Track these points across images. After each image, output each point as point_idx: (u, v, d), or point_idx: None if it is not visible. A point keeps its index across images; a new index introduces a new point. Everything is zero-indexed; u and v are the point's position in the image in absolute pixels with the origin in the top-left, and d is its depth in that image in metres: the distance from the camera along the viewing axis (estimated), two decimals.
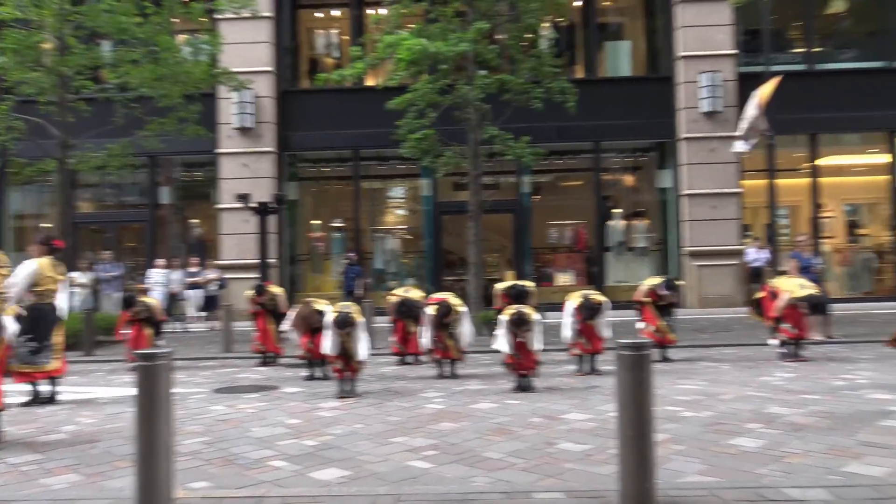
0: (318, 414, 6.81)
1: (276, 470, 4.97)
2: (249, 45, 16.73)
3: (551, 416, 6.43)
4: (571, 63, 18.25)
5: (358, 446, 5.53)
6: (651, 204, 18.27)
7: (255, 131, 16.85)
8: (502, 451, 5.26)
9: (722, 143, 16.32)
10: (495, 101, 13.96)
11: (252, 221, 15.08)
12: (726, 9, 16.33)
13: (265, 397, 7.82)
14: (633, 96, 17.28)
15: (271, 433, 6.05)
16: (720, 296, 16.34)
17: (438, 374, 8.87)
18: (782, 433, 5.54)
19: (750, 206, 17.25)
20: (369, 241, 18.38)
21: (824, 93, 16.77)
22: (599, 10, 18.30)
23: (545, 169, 17.99)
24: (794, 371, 8.56)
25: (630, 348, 3.92)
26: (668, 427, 5.77)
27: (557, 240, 18.12)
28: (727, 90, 16.44)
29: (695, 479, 4.49)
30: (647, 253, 17.61)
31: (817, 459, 4.81)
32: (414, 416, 6.61)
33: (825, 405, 6.52)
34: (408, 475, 4.76)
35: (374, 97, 16.78)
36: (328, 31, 18.48)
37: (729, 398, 7.00)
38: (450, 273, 17.81)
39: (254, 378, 9.25)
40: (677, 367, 9.10)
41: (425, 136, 13.27)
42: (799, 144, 17.12)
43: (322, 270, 18.13)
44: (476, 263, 13.31)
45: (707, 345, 11.03)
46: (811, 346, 9.98)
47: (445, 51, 11.93)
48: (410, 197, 19.08)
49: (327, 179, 19.16)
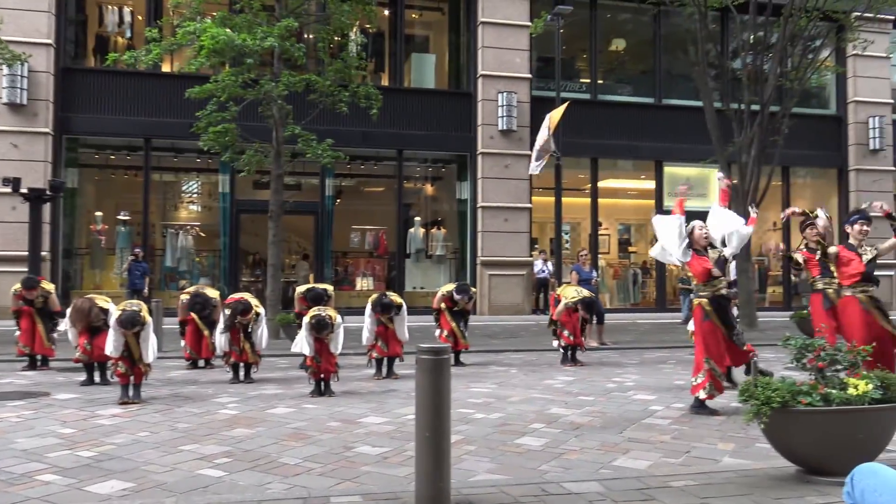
0: (97, 422, 6.27)
1: (45, 485, 4.50)
2: (25, 13, 15.04)
3: (349, 419, 6.45)
4: (378, 70, 18.49)
5: (143, 456, 5.17)
6: (450, 214, 18.97)
7: (28, 109, 15.16)
8: (299, 457, 5.18)
9: (515, 160, 17.37)
10: (301, 100, 13.76)
11: (22, 209, 13.51)
12: (524, 35, 17.44)
13: (33, 404, 7.05)
14: (436, 108, 17.88)
15: (40, 444, 5.48)
16: (510, 304, 17.34)
17: (233, 379, 8.54)
18: (562, 432, 6.00)
19: (538, 220, 18.52)
20: (159, 236, 17.27)
21: (605, 121, 18.48)
22: (408, 22, 18.73)
23: (349, 173, 18.05)
24: (573, 375, 9.31)
25: (429, 352, 4.04)
26: (461, 428, 6.01)
27: (359, 244, 18.22)
28: (521, 111, 17.54)
29: (485, 477, 4.72)
30: (445, 261, 18.25)
31: (592, 455, 5.27)
32: (205, 422, 6.31)
33: (599, 406, 7.16)
34: (198, 484, 4.54)
35: (171, 84, 15.86)
36: (121, 7, 17.11)
37: (516, 400, 7.45)
38: (247, 274, 17.23)
39: (19, 383, 8.32)
40: (470, 371, 9.52)
41: (226, 130, 12.73)
42: (582, 167, 18.68)
43: (104, 266, 16.69)
44: (275, 265, 13.01)
45: (497, 350, 11.67)
46: (588, 352, 10.90)
47: (251, 44, 11.57)
48: (206, 192, 18.20)
49: (114, 168, 17.71)
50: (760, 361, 5.75)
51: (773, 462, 4.69)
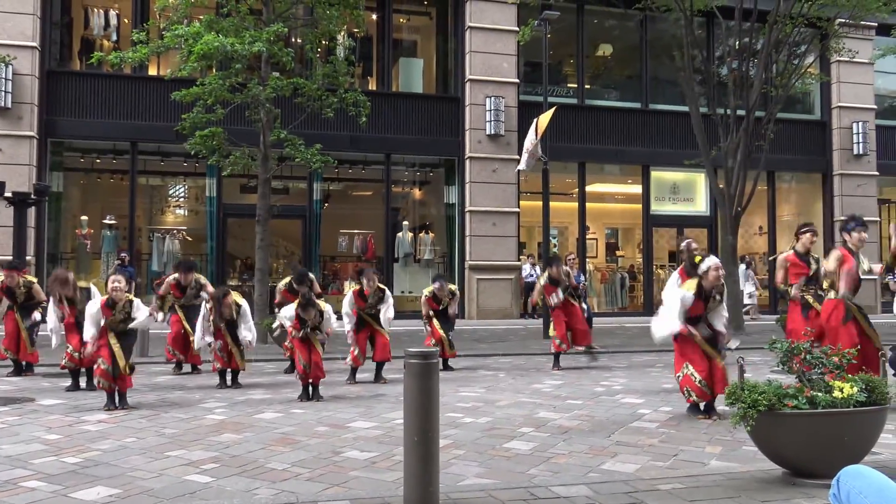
0: (83, 428, 6.22)
1: (30, 491, 4.46)
2: (10, 15, 14.96)
3: (337, 424, 6.43)
4: (366, 74, 18.50)
5: (129, 462, 5.13)
6: (437, 218, 18.98)
7: (13, 112, 15.04)
8: (287, 462, 5.16)
9: (503, 164, 17.41)
10: (289, 104, 13.73)
11: (6, 213, 13.39)
12: (512, 40, 17.50)
13: (17, 410, 6.98)
14: (424, 113, 17.90)
15: (25, 450, 5.42)
16: (498, 308, 17.36)
17: (220, 384, 8.49)
18: (550, 436, 6.01)
19: (526, 224, 18.56)
20: (146, 240, 17.16)
21: (592, 126, 18.57)
22: (396, 26, 18.75)
23: (337, 177, 18.02)
24: (561, 378, 9.33)
25: (417, 356, 4.04)
26: (449, 433, 6.01)
27: (347, 248, 18.18)
28: (509, 115, 17.59)
29: (474, 481, 4.72)
30: (433, 265, 18.25)
31: (580, 459, 5.28)
32: (192, 427, 6.27)
33: (587, 409, 7.18)
34: (185, 490, 4.51)
35: (157, 87, 15.78)
36: (107, 10, 17.01)
37: (505, 404, 7.46)
38: (235, 278, 17.16)
39: (4, 389, 8.24)
40: (458, 376, 9.52)
41: (213, 133, 12.69)
42: (570, 171, 18.75)
43: (89, 270, 16.55)
44: (262, 269, 12.96)
45: (485, 354, 11.67)
46: (575, 356, 10.93)
47: (240, 49, 11.54)
48: (193, 196, 18.12)
49: (99, 172, 17.60)
50: (747, 365, 5.79)
51: (761, 465, 4.71)
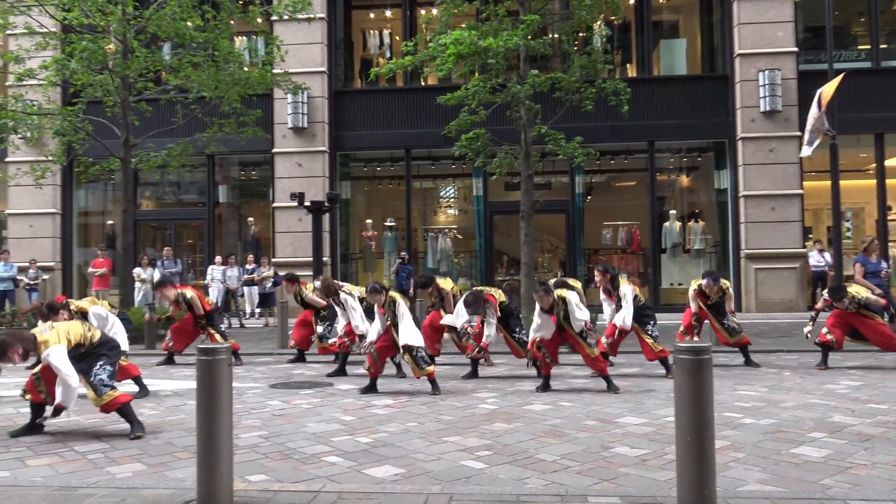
0: (372, 411, 6.86)
1: (331, 465, 5.03)
2: (303, 46, 16.97)
3: (606, 419, 6.35)
4: (625, 62, 18.03)
5: (411, 444, 5.55)
6: (708, 205, 17.91)
7: (308, 131, 17.09)
8: (556, 454, 5.21)
9: (781, 142, 15.91)
10: (548, 99, 13.85)
11: (306, 220, 15.30)
12: (787, 5, 15.92)
13: (320, 393, 7.91)
14: (688, 95, 16.98)
15: (326, 429, 6.12)
16: (780, 300, 15.92)
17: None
18: (848, 443, 5.36)
19: (811, 207, 16.77)
20: (421, 240, 18.46)
21: (890, 91, 16.20)
22: (655, 8, 18.02)
23: (598, 169, 17.81)
24: (860, 379, 8.28)
25: (688, 352, 3.82)
26: (726, 434, 5.64)
27: (611, 241, 17.90)
28: (787, 89, 15.99)
29: (755, 487, 4.37)
30: (704, 255, 17.26)
31: (887, 471, 4.63)
32: (467, 416, 6.60)
33: (894, 416, 6.28)
34: (461, 475, 4.76)
35: (425, 97, 16.90)
36: (380, 31, 18.62)
37: (791, 405, 6.81)
38: (502, 273, 17.76)
39: (308, 374, 9.38)
40: (736, 373, 8.88)
41: (477, 135, 13.24)
42: (864, 145, 16.56)
43: (374, 269, 18.29)
44: (528, 263, 13.24)
45: (767, 350, 10.72)
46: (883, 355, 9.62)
47: (495, 45, 11.82)
48: (462, 196, 19.09)
49: (379, 179, 19.33)
50: None
51: None
